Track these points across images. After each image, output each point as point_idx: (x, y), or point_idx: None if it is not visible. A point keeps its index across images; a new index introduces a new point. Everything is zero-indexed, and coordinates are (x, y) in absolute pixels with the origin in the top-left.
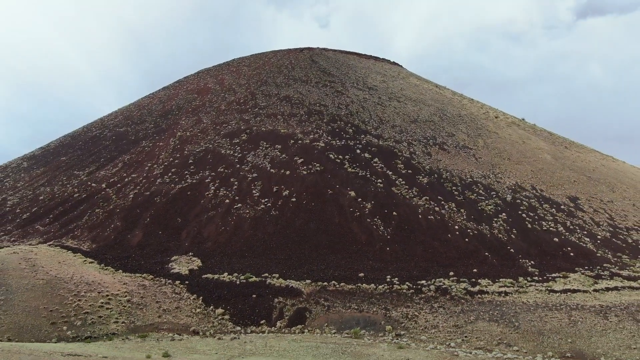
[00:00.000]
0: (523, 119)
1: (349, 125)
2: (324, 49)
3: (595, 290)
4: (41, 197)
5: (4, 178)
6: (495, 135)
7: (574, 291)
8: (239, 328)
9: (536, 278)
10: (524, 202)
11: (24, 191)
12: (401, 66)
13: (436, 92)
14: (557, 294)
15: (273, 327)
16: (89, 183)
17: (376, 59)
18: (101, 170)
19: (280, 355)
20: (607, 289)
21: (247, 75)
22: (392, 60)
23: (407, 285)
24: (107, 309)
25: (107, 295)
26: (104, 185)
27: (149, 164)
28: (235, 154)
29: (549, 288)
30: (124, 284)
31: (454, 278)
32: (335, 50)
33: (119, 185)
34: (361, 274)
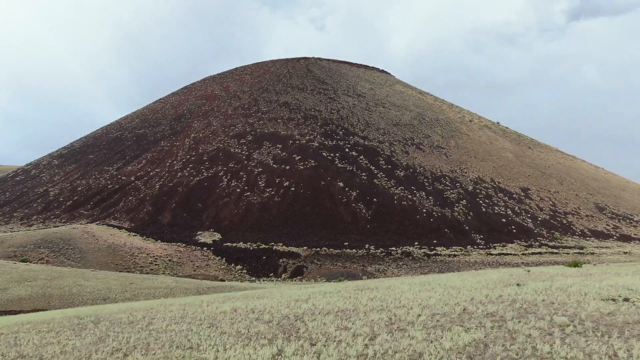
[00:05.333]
0: (498, 123)
1: (340, 128)
2: (319, 59)
3: (523, 254)
4: (79, 189)
5: (39, 173)
6: (466, 137)
7: (507, 254)
8: (254, 278)
9: (481, 246)
10: (483, 192)
11: (62, 184)
12: (389, 74)
13: (419, 99)
14: (493, 256)
15: (279, 278)
16: (119, 176)
17: (366, 67)
18: (128, 166)
19: (286, 288)
20: (533, 254)
21: (249, 83)
22: (381, 69)
23: (380, 250)
24: (155, 264)
25: (154, 256)
26: (132, 178)
27: (169, 161)
28: (243, 152)
29: (488, 252)
30: (164, 249)
31: (418, 246)
32: (329, 60)
33: (145, 178)
34: (346, 243)
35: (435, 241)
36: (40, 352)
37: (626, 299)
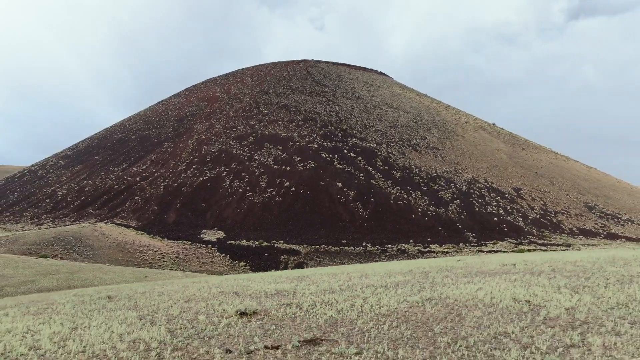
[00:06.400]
0: (493, 124)
1: (339, 129)
2: (318, 61)
3: (512, 251)
4: (86, 189)
5: (46, 174)
6: (461, 138)
7: (497, 251)
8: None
9: (473, 244)
10: (476, 192)
11: (69, 184)
12: (387, 75)
13: (416, 100)
14: (484, 253)
15: None
16: (125, 177)
17: (364, 69)
18: (133, 167)
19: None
20: (521, 251)
21: (250, 85)
22: (379, 71)
23: (376, 247)
24: (163, 261)
25: (161, 253)
26: (138, 179)
27: (173, 162)
28: (245, 153)
29: (479, 250)
30: (170, 247)
31: (412, 244)
32: (328, 62)
33: (150, 179)
34: (344, 241)
35: (429, 239)
36: (150, 290)
37: (513, 264)
